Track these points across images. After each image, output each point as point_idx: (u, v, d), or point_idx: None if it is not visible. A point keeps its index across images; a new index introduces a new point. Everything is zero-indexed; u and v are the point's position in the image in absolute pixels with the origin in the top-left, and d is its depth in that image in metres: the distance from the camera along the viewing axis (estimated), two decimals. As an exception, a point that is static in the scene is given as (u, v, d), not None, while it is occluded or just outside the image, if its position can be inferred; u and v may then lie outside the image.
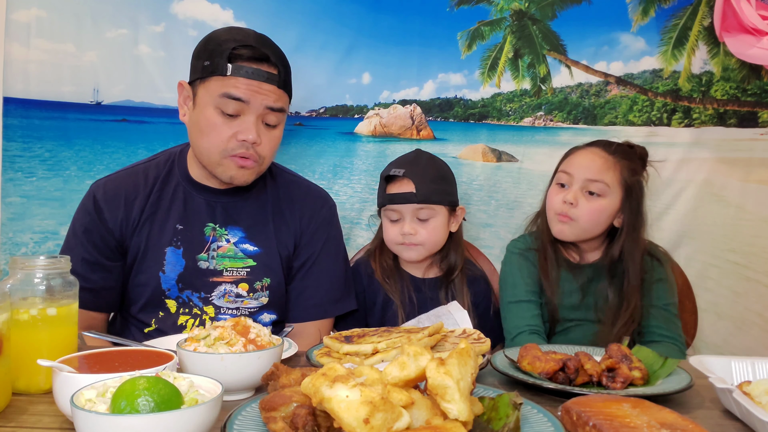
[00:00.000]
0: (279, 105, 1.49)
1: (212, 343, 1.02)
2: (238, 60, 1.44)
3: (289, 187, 1.70)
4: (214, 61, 1.44)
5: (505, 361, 1.20)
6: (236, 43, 1.45)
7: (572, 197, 1.69)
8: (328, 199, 1.75)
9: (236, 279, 1.57)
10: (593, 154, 1.73)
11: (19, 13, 2.23)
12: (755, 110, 2.41)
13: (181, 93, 1.54)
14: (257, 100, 1.45)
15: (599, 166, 1.70)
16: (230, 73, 1.43)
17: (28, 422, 0.91)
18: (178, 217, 1.57)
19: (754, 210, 2.41)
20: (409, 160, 1.79)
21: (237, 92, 1.43)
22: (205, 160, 1.53)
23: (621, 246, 1.72)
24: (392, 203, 1.74)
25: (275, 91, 1.47)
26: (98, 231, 1.55)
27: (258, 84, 1.44)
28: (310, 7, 2.34)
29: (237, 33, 1.50)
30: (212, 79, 1.45)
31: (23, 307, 1.02)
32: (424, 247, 1.76)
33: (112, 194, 1.57)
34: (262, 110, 1.47)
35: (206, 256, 1.55)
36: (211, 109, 1.46)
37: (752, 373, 1.15)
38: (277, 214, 1.64)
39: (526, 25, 2.41)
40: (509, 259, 1.81)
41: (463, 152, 2.50)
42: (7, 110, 2.24)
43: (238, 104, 1.44)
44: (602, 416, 0.81)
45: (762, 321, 2.38)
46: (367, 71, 2.42)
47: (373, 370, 0.77)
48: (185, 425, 0.73)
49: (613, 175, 1.70)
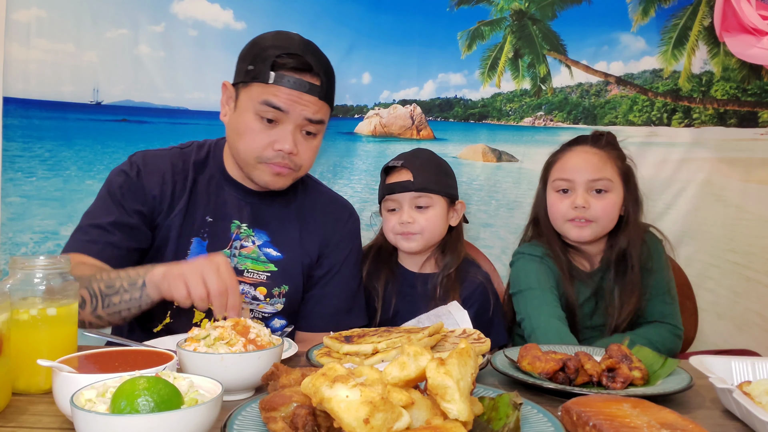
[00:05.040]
0: (318, 117, 1.48)
1: (212, 343, 1.02)
2: (281, 68, 1.43)
3: (316, 195, 1.69)
4: (257, 67, 1.44)
5: (505, 361, 1.20)
6: (280, 50, 1.44)
7: (582, 201, 1.66)
8: (354, 211, 1.75)
9: (256, 282, 1.55)
10: (587, 154, 1.71)
11: (19, 13, 2.23)
12: (755, 110, 2.41)
13: (224, 93, 1.53)
14: (296, 111, 1.44)
15: (596, 164, 1.69)
16: (272, 81, 1.42)
17: (28, 422, 0.91)
18: (209, 209, 1.56)
19: (755, 210, 2.41)
20: (408, 153, 1.81)
21: (277, 101, 1.43)
22: (242, 163, 1.52)
23: (628, 234, 1.71)
24: (391, 193, 1.75)
25: (316, 103, 1.46)
26: (135, 194, 1.50)
27: (299, 94, 1.43)
28: (310, 7, 2.34)
29: (283, 39, 1.48)
30: (254, 84, 1.44)
31: (23, 307, 1.02)
32: (422, 236, 1.75)
33: (153, 168, 1.54)
34: (301, 121, 1.46)
35: (229, 253, 1.54)
36: (251, 115, 1.45)
37: (752, 373, 1.15)
38: (303, 221, 1.63)
39: (526, 25, 2.41)
40: (528, 264, 1.72)
41: (463, 152, 2.50)
42: (7, 110, 2.24)
43: (278, 113, 1.44)
44: (602, 416, 0.81)
45: (762, 321, 2.38)
46: (367, 71, 2.42)
47: (373, 370, 0.77)
48: (185, 425, 0.73)
49: (611, 168, 1.69)
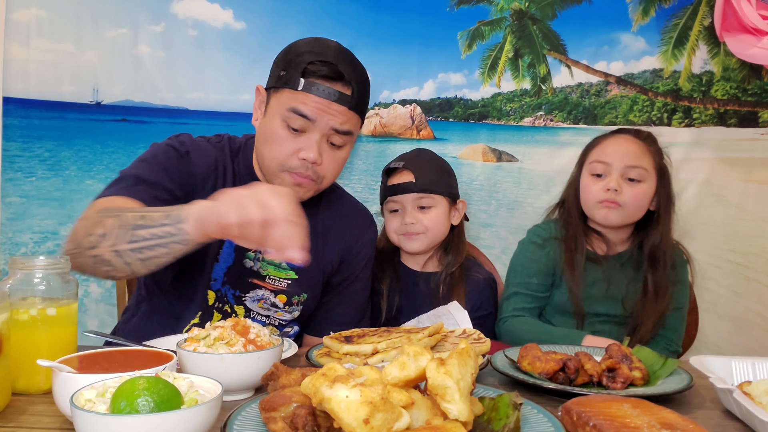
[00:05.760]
0: (346, 127, 1.44)
1: (212, 343, 1.01)
2: (311, 76, 1.40)
3: (339, 202, 1.67)
4: (289, 73, 1.41)
5: (505, 361, 1.20)
6: (313, 56, 1.41)
7: (616, 184, 1.68)
8: (373, 220, 1.73)
9: (276, 289, 1.54)
10: (627, 141, 1.74)
11: (19, 12, 2.23)
12: (755, 110, 2.41)
13: (257, 97, 1.51)
14: (324, 120, 1.41)
15: (635, 152, 1.71)
16: (301, 88, 1.39)
17: (28, 422, 0.91)
18: None
19: (755, 210, 2.41)
20: (409, 154, 1.81)
21: (304, 109, 1.39)
22: (266, 170, 1.50)
23: (660, 231, 1.72)
24: (393, 194, 1.75)
25: (345, 113, 1.42)
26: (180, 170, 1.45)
27: (327, 104, 1.40)
28: (310, 7, 2.34)
29: (317, 46, 1.45)
30: (284, 90, 1.42)
31: (23, 307, 1.02)
32: (425, 236, 1.75)
33: (201, 153, 1.50)
34: (328, 130, 1.42)
35: (252, 256, 1.52)
36: (279, 121, 1.43)
37: (752, 373, 1.15)
38: (325, 229, 1.61)
39: (526, 24, 2.41)
40: (525, 248, 1.80)
41: (463, 152, 2.50)
42: (6, 110, 2.24)
43: (305, 121, 1.41)
44: (602, 416, 0.81)
45: (762, 321, 2.38)
46: (367, 71, 2.42)
47: (373, 370, 0.77)
48: (185, 425, 0.72)
49: (648, 159, 1.72)
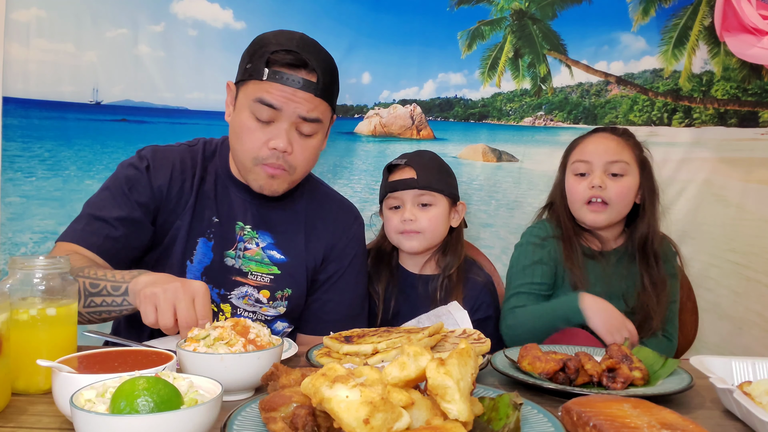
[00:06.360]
0: (314, 115, 1.43)
1: (212, 344, 1.01)
2: (275, 65, 1.40)
3: (322, 199, 1.67)
4: (254, 64, 1.41)
5: (506, 361, 1.20)
6: (277, 46, 1.40)
7: (599, 180, 1.71)
8: (359, 215, 1.73)
9: (259, 285, 1.54)
10: (605, 138, 1.77)
11: (19, 12, 2.23)
12: (756, 110, 2.41)
13: (229, 93, 1.51)
14: (290, 108, 1.40)
15: (614, 148, 1.74)
16: (266, 77, 1.39)
17: (28, 422, 0.91)
18: (215, 209, 1.54)
19: (755, 210, 2.41)
20: (411, 153, 1.82)
21: (270, 98, 1.39)
22: (240, 166, 1.50)
23: (647, 221, 1.75)
24: (394, 190, 1.75)
25: (311, 100, 1.41)
26: (143, 187, 1.48)
27: (293, 91, 1.39)
28: (310, 7, 2.34)
29: (281, 36, 1.45)
30: (250, 82, 1.42)
31: (23, 307, 1.02)
32: (424, 236, 1.75)
33: (162, 162, 1.52)
34: (295, 119, 1.42)
35: (234, 254, 1.53)
36: (247, 113, 1.43)
37: (752, 373, 1.15)
38: (308, 224, 1.61)
39: (526, 24, 2.41)
40: (524, 249, 1.79)
41: (463, 152, 2.50)
42: (6, 110, 2.24)
43: (271, 111, 1.40)
44: (603, 416, 0.81)
45: (762, 321, 2.38)
46: (367, 71, 2.42)
47: (373, 370, 0.77)
48: (185, 426, 0.72)
49: (629, 153, 1.74)
